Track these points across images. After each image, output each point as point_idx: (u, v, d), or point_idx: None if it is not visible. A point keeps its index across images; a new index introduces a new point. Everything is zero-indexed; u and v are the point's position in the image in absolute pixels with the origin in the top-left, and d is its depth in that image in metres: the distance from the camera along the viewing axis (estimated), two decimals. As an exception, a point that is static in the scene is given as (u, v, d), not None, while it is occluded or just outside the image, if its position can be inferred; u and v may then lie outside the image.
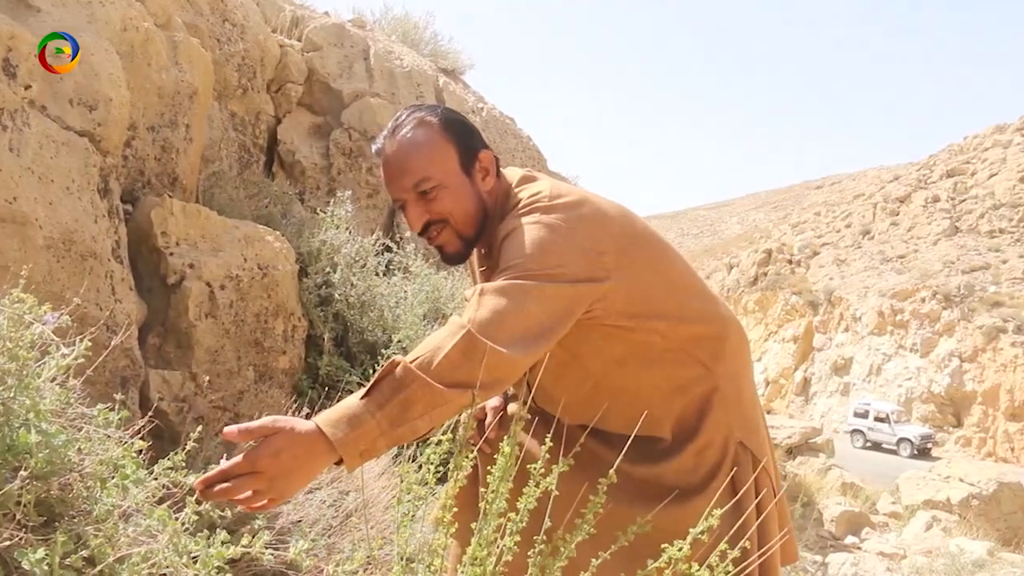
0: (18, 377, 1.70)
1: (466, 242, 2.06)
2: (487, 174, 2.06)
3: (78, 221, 3.18)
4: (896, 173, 56.68)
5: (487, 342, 1.71)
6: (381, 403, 1.66)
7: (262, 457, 1.52)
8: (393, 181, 2.01)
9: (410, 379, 1.68)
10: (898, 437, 33.53)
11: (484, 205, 2.05)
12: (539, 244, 1.86)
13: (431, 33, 9.33)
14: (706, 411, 2.06)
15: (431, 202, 1.99)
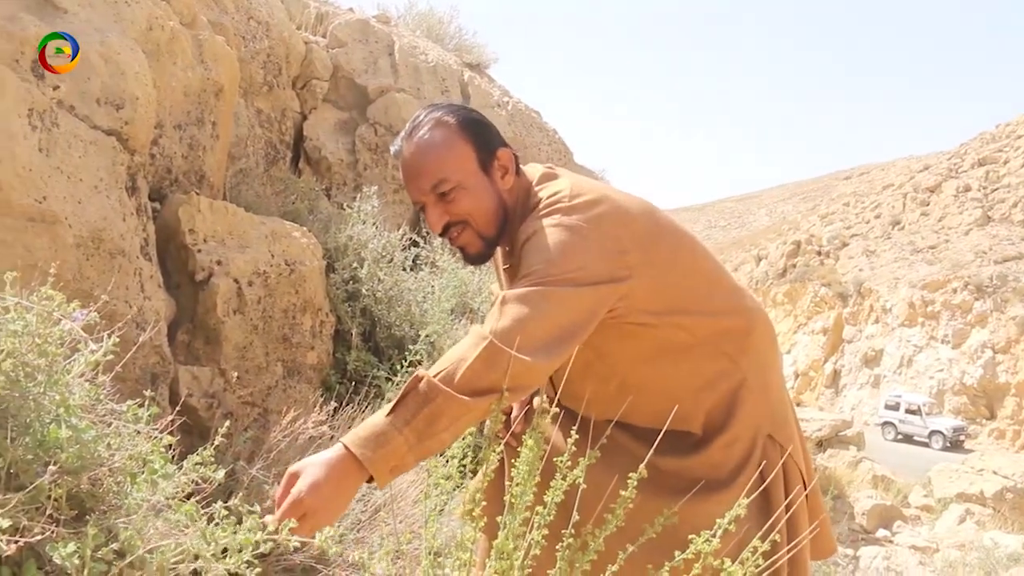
0: (47, 373, 1.71)
1: (487, 242, 2.05)
2: (506, 172, 2.05)
3: (107, 219, 3.21)
4: (926, 162, 56.08)
5: (509, 351, 1.71)
6: (407, 419, 1.69)
7: (306, 498, 1.59)
8: (412, 183, 2.01)
9: (434, 393, 1.69)
10: (930, 429, 33.17)
11: (504, 204, 2.05)
12: (559, 248, 1.85)
13: (456, 28, 9.34)
14: (735, 405, 2.05)
15: (450, 203, 1.99)
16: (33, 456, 1.63)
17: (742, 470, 1.98)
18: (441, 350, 4.80)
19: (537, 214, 1.94)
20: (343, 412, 3.73)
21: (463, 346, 1.75)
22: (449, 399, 1.69)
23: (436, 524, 2.05)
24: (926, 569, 10.80)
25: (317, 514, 1.60)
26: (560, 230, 1.87)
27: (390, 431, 1.68)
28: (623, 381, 2.07)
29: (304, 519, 1.59)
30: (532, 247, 1.87)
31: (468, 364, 1.71)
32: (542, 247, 1.85)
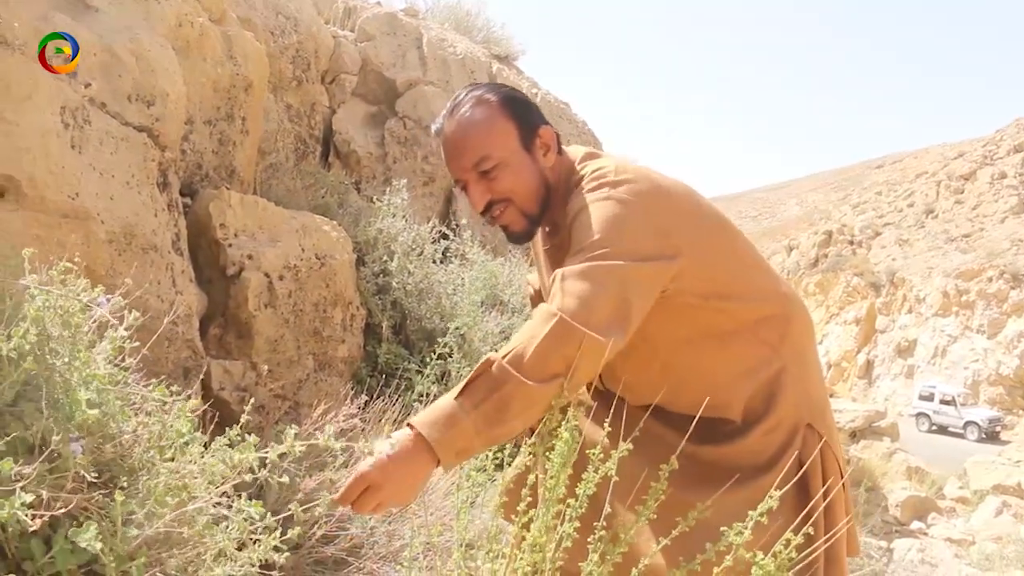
0: (72, 346, 1.72)
1: (530, 220, 2.04)
2: (548, 150, 2.04)
3: (138, 215, 3.23)
4: (960, 150, 55.37)
5: (581, 327, 1.69)
6: (476, 402, 1.68)
7: (370, 473, 1.61)
8: (453, 161, 2.01)
9: (505, 378, 1.68)
10: (965, 420, 32.75)
11: (547, 182, 2.03)
12: (613, 222, 1.83)
13: (484, 20, 9.32)
14: (775, 392, 2.03)
15: (492, 181, 1.98)
16: (61, 429, 1.64)
17: (780, 457, 1.95)
18: (471, 342, 4.81)
19: (582, 189, 1.92)
20: (374, 405, 3.74)
21: (532, 325, 1.73)
22: (519, 386, 1.67)
23: (468, 516, 2.05)
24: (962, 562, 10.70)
25: (381, 489, 1.61)
26: (611, 204, 1.86)
27: (458, 413, 1.67)
28: (665, 364, 2.04)
29: (368, 493, 1.61)
30: (583, 222, 1.85)
31: (538, 343, 1.69)
32: (596, 221, 1.83)
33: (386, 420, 3.73)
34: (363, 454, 1.67)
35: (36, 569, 1.53)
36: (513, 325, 5.13)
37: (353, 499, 1.62)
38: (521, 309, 5.49)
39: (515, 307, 5.59)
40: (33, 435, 1.57)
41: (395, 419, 3.79)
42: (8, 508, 1.36)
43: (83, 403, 1.61)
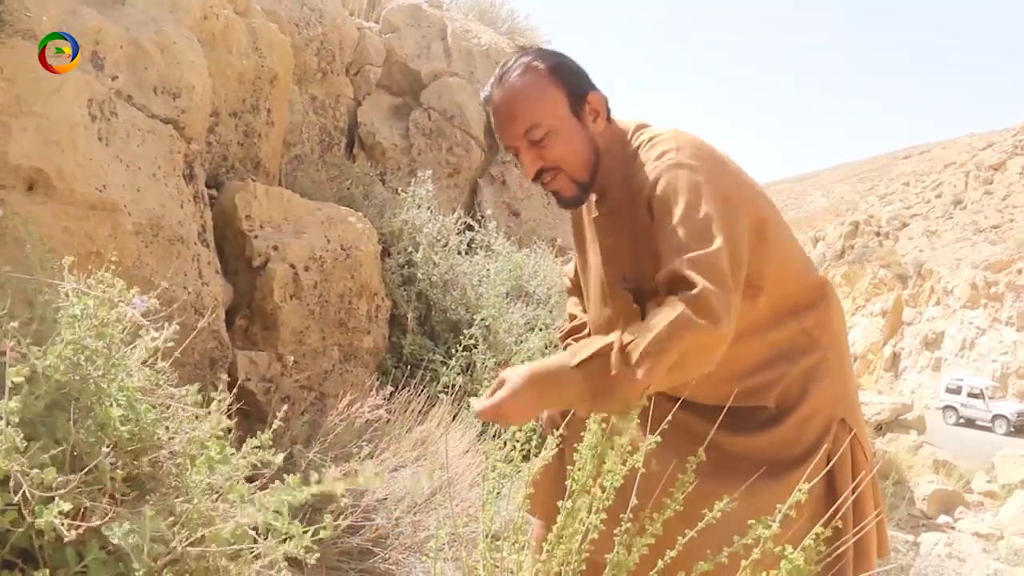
0: (107, 356, 1.73)
1: (580, 186, 2.04)
2: (598, 116, 2.04)
3: (165, 207, 3.25)
4: (989, 140, 54.74)
5: (700, 321, 1.69)
6: (587, 376, 1.75)
7: (505, 397, 1.78)
8: (503, 129, 2.02)
9: (619, 367, 1.71)
10: (993, 414, 32.42)
11: (596, 147, 2.03)
12: (706, 200, 1.82)
13: (508, 11, 9.28)
14: (811, 381, 2.01)
15: (543, 149, 1.98)
16: (95, 439, 1.65)
17: (813, 452, 1.93)
18: (496, 333, 4.81)
19: (652, 159, 1.92)
20: (399, 396, 3.75)
21: (657, 316, 1.73)
22: (630, 380, 1.70)
23: (493, 507, 2.05)
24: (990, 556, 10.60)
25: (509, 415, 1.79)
26: (693, 176, 1.85)
27: (572, 378, 1.76)
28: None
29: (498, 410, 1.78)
30: (670, 196, 1.84)
31: (658, 335, 1.70)
32: (684, 199, 1.82)
33: (411, 411, 3.74)
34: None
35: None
36: (538, 316, 5.12)
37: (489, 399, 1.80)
38: (547, 300, 5.48)
39: (540, 298, 5.58)
40: (65, 450, 1.58)
41: (420, 410, 3.80)
42: (47, 515, 1.37)
43: (116, 420, 1.62)
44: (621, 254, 2.07)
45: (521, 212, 7.36)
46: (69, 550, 1.53)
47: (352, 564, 2.89)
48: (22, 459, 1.39)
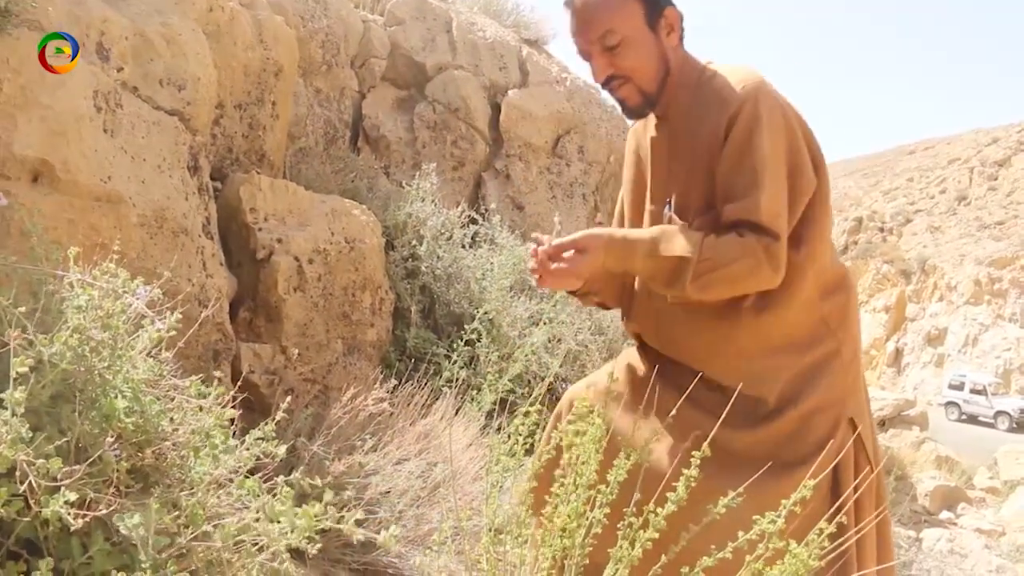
0: (112, 347, 1.73)
1: (647, 98, 2.09)
2: (672, 30, 2.08)
3: (170, 199, 3.25)
4: (995, 136, 54.61)
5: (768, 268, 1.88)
6: (657, 267, 1.94)
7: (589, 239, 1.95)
8: (580, 33, 2.06)
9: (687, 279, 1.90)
10: (996, 410, 32.39)
11: (667, 62, 2.08)
12: (791, 147, 1.97)
13: (513, 3, 9.26)
14: (821, 374, 2.01)
15: (616, 57, 2.03)
16: (99, 430, 1.65)
17: (820, 451, 1.93)
18: (500, 327, 4.81)
19: (738, 81, 2.00)
20: (403, 389, 3.75)
21: (734, 251, 1.88)
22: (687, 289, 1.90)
23: (497, 501, 2.05)
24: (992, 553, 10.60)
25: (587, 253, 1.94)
26: (779, 118, 1.97)
27: (644, 264, 1.96)
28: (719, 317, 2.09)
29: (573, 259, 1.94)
30: (752, 129, 1.93)
31: (728, 270, 1.88)
32: (769, 139, 1.94)
33: (414, 404, 3.74)
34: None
35: (72, 569, 1.55)
36: (542, 310, 5.12)
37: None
38: (551, 295, 5.48)
39: (544, 292, 5.58)
40: (70, 440, 1.58)
41: (424, 403, 3.80)
42: (53, 505, 1.37)
43: (120, 412, 1.63)
44: (673, 175, 2.12)
45: (525, 206, 7.36)
46: (74, 541, 1.53)
47: (354, 556, 2.90)
48: (28, 449, 1.40)
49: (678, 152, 2.10)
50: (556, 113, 7.84)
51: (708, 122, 2.00)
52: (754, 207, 1.88)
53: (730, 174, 1.93)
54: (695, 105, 2.06)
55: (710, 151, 1.99)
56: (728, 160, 1.94)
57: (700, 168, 2.02)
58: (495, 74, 7.68)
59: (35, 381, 1.52)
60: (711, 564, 1.63)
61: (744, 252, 1.86)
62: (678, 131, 2.09)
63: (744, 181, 1.90)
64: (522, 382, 4.44)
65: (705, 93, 2.04)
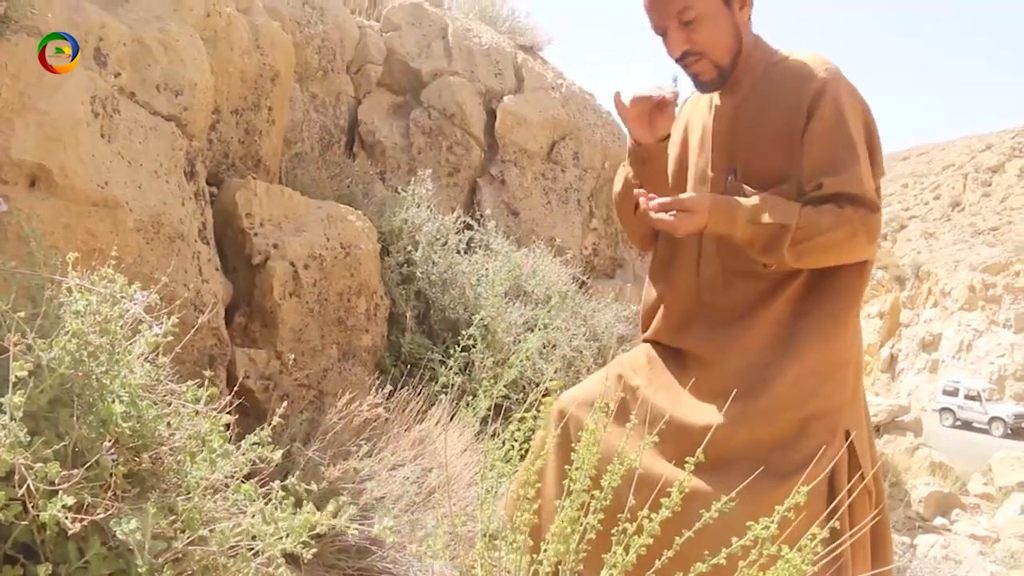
0: (110, 352, 1.74)
1: (721, 71, 2.14)
2: (744, 5, 2.14)
3: (166, 204, 3.26)
4: (988, 142, 54.85)
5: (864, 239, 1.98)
6: (757, 232, 2.00)
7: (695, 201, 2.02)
8: (656, 8, 2.11)
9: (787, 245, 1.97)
10: (990, 416, 32.42)
11: (740, 37, 2.13)
12: (873, 128, 2.08)
13: (508, 9, 9.27)
14: (824, 382, 2.05)
15: (692, 32, 2.08)
16: (96, 435, 1.66)
17: (812, 462, 1.93)
18: (494, 333, 4.82)
19: (818, 63, 2.09)
20: (398, 395, 3.76)
21: (835, 221, 1.96)
22: (785, 255, 1.97)
23: (491, 507, 2.07)
24: (986, 559, 10.63)
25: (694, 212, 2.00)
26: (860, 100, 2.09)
27: (744, 228, 2.01)
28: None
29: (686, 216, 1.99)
30: (843, 106, 2.03)
31: (825, 239, 1.95)
32: (858, 118, 2.05)
33: (409, 410, 3.75)
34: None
35: (69, 573, 1.55)
36: (537, 316, 5.13)
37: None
38: (546, 300, 5.49)
39: (539, 298, 5.59)
40: (67, 445, 1.59)
41: (419, 409, 3.80)
42: (51, 509, 1.38)
43: (118, 416, 1.64)
44: (738, 145, 2.18)
45: (520, 212, 7.37)
46: (71, 545, 1.54)
47: (349, 562, 2.90)
48: (26, 453, 1.41)
49: (744, 124, 2.16)
50: (551, 119, 7.86)
51: (785, 100, 2.07)
52: (856, 180, 1.97)
53: (826, 149, 2.01)
54: (768, 81, 2.13)
55: (787, 125, 2.06)
56: (821, 136, 2.01)
57: (772, 140, 2.10)
58: (490, 80, 7.70)
59: (33, 386, 1.53)
60: (705, 570, 1.65)
61: (841, 221, 1.94)
62: (746, 104, 2.15)
63: (842, 155, 1.98)
64: (517, 388, 4.45)
65: (780, 71, 2.12)
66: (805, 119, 2.02)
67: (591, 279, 7.36)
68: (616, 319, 6.02)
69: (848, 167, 1.97)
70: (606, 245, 8.35)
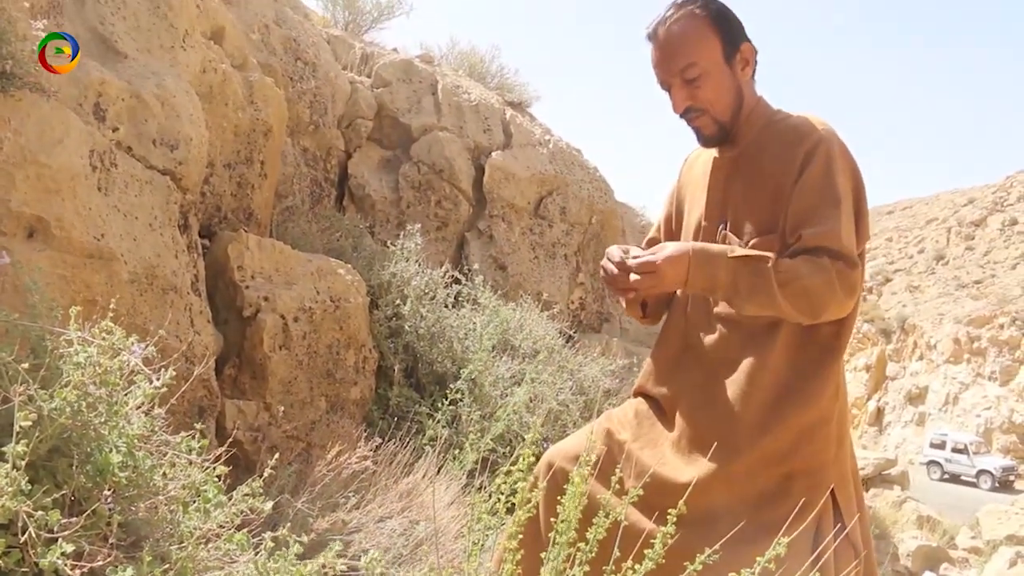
0: (108, 403, 1.78)
1: (722, 127, 2.23)
2: (747, 65, 2.22)
3: (160, 256, 3.30)
4: (971, 196, 55.50)
5: (841, 292, 1.99)
6: (739, 270, 2.02)
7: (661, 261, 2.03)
8: (661, 65, 2.20)
9: (769, 278, 1.98)
10: (978, 469, 32.32)
11: (742, 94, 2.22)
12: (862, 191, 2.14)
13: (497, 66, 9.43)
14: (807, 440, 2.09)
15: (696, 89, 2.17)
16: (94, 484, 1.69)
17: (798, 518, 1.95)
18: (482, 386, 4.85)
19: (812, 121, 2.16)
20: (386, 447, 3.78)
21: (813, 266, 1.99)
22: (770, 291, 1.98)
23: (478, 559, 2.09)
24: (974, 614, 10.58)
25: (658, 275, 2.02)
26: (852, 163, 2.14)
27: (726, 265, 2.02)
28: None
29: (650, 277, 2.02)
30: (832, 165, 2.09)
31: (809, 280, 1.98)
32: (848, 180, 2.10)
33: (397, 463, 3.76)
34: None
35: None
36: (524, 370, 5.17)
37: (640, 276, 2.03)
38: (533, 354, 5.53)
39: (526, 352, 5.63)
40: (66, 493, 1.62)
41: (406, 461, 3.82)
42: (50, 556, 1.41)
43: (115, 466, 1.67)
44: (731, 197, 2.25)
45: (508, 266, 7.44)
46: (68, 592, 1.56)
47: (337, 614, 2.90)
48: (28, 501, 1.44)
49: (740, 177, 2.24)
50: (539, 174, 7.96)
51: (780, 154, 2.15)
52: (835, 235, 2.01)
53: (809, 202, 2.06)
54: (765, 138, 2.21)
55: (778, 180, 2.13)
56: (808, 190, 2.07)
57: (765, 194, 2.16)
58: (479, 136, 7.81)
59: (35, 435, 1.56)
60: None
61: (817, 269, 1.98)
62: (743, 158, 2.23)
63: (824, 210, 2.04)
64: (504, 441, 4.47)
65: (778, 129, 2.20)
66: (797, 175, 2.09)
67: (578, 333, 7.41)
68: (603, 373, 6.05)
69: (830, 221, 2.02)
70: (593, 299, 8.41)
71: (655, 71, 2.22)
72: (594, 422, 2.39)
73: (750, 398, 2.10)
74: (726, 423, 2.10)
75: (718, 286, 2.05)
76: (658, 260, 2.03)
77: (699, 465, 2.05)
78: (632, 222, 9.65)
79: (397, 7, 8.94)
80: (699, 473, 2.03)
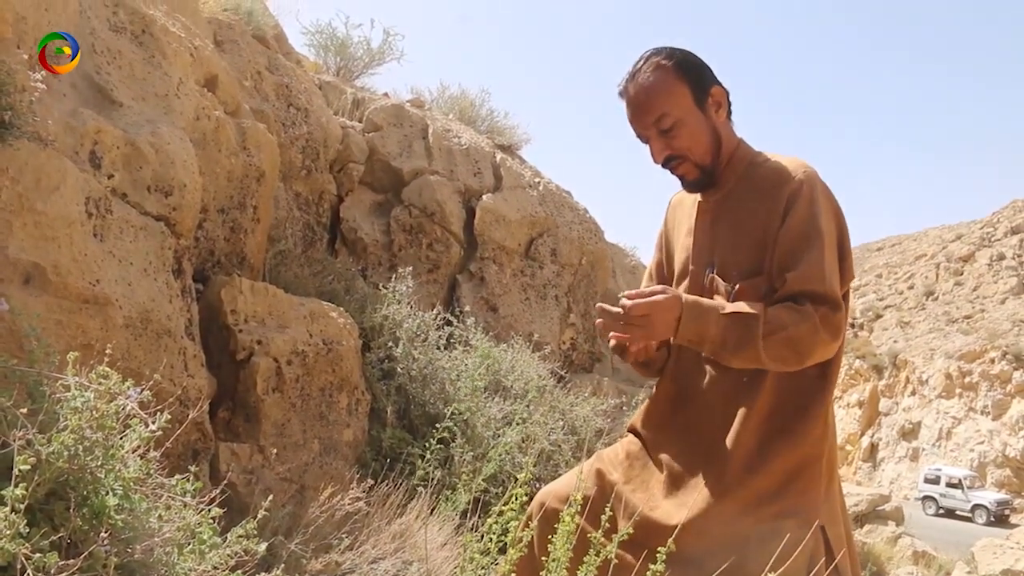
0: (104, 447, 1.81)
1: (704, 171, 2.27)
2: (720, 107, 2.27)
3: (154, 301, 3.34)
4: (958, 232, 55.90)
5: (827, 338, 2.03)
6: (729, 326, 2.04)
7: (652, 307, 2.04)
8: (636, 119, 2.25)
9: (757, 332, 2.02)
10: (972, 503, 32.20)
11: (719, 136, 2.26)
12: (845, 233, 2.18)
13: (487, 110, 9.53)
14: (797, 478, 2.12)
15: (672, 139, 2.22)
16: (90, 527, 1.72)
17: (788, 558, 1.95)
18: (474, 427, 4.87)
19: (795, 163, 2.21)
20: (378, 488, 3.80)
21: (797, 315, 2.03)
22: (756, 347, 2.01)
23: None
24: (971, 651, 10.51)
25: (650, 320, 2.04)
26: (835, 205, 2.19)
27: (717, 320, 2.05)
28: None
29: (642, 324, 2.04)
30: (815, 208, 2.13)
31: (794, 330, 2.01)
32: (832, 223, 2.15)
33: (390, 504, 3.78)
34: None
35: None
36: (515, 411, 5.19)
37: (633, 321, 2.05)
38: (524, 395, 5.55)
39: (517, 392, 5.65)
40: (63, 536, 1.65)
41: (399, 503, 3.84)
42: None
43: (111, 509, 1.70)
44: (717, 241, 2.29)
45: (499, 308, 7.48)
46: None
47: (330, 656, 2.91)
48: (26, 544, 1.46)
49: (725, 220, 2.28)
50: (529, 216, 8.03)
51: (764, 198, 2.19)
52: (818, 277, 2.06)
53: (794, 245, 2.11)
54: (748, 181, 2.26)
55: (763, 223, 2.17)
56: (792, 233, 2.11)
57: (750, 237, 2.20)
58: (470, 179, 7.89)
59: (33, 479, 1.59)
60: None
61: (801, 318, 2.02)
62: (727, 202, 2.28)
63: (808, 253, 2.08)
64: (496, 482, 4.48)
65: (761, 172, 2.24)
66: (781, 219, 2.13)
67: (569, 373, 7.44)
68: (594, 412, 6.08)
69: (813, 263, 2.06)
70: (584, 340, 8.45)
71: (631, 126, 2.27)
72: (584, 463, 2.41)
73: (739, 439, 2.13)
74: (716, 464, 2.13)
75: (706, 340, 2.07)
76: (650, 312, 2.06)
77: (689, 506, 2.08)
78: (622, 262, 9.72)
79: (388, 53, 9.06)
80: (690, 514, 2.06)
